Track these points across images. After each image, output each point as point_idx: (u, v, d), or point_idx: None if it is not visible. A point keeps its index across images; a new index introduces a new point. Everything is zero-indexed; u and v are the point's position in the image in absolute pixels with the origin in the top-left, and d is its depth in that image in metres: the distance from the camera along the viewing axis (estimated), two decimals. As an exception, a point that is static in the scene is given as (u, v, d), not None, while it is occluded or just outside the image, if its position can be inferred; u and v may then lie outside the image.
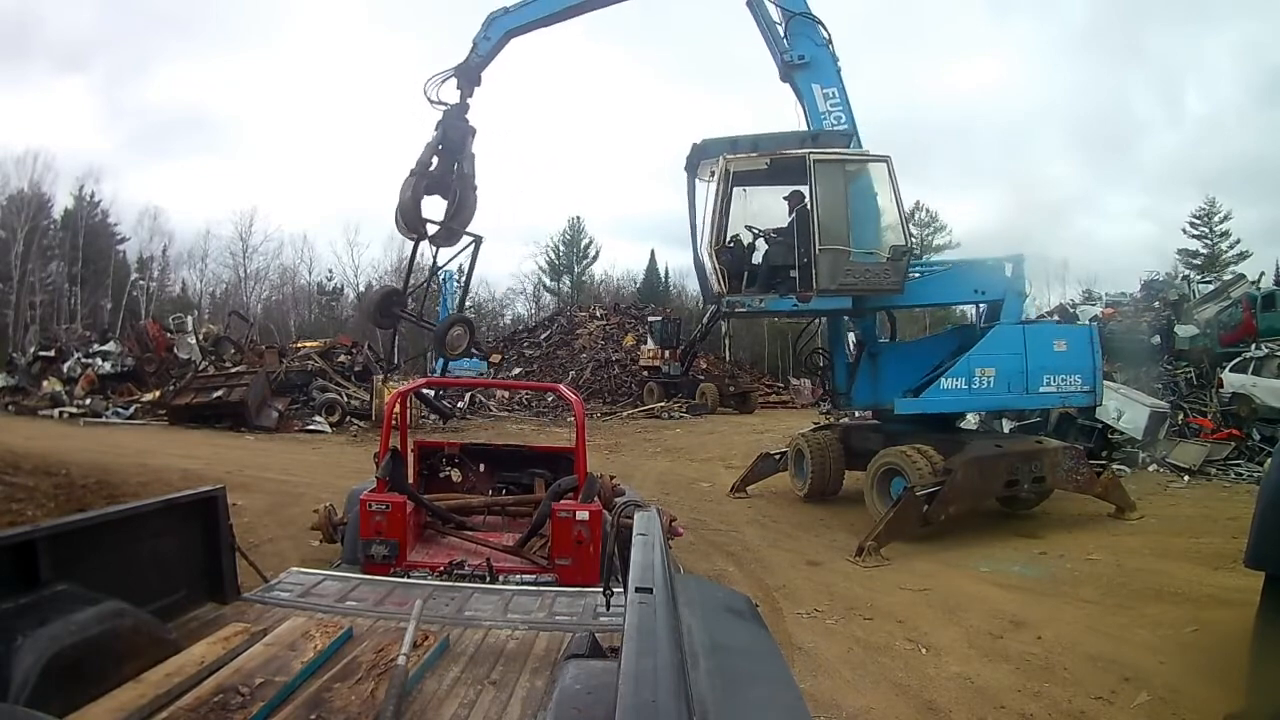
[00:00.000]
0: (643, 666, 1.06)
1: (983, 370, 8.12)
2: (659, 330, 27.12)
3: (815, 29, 8.49)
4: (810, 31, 8.51)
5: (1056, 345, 8.27)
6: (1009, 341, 8.10)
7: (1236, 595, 4.56)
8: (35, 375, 19.93)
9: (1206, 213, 39.02)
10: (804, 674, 4.18)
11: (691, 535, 7.20)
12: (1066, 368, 8.18)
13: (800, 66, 8.44)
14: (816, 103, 8.38)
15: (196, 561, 2.78)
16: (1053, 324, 8.79)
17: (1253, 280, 17.52)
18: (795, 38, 8.51)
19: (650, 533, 1.86)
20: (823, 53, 8.42)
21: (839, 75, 8.40)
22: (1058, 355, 8.15)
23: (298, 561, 4.80)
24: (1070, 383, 8.17)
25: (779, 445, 10.71)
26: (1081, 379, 8.16)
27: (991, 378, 8.08)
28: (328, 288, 48.16)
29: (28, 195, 36.52)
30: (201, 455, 11.65)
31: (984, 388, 8.12)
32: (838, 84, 8.42)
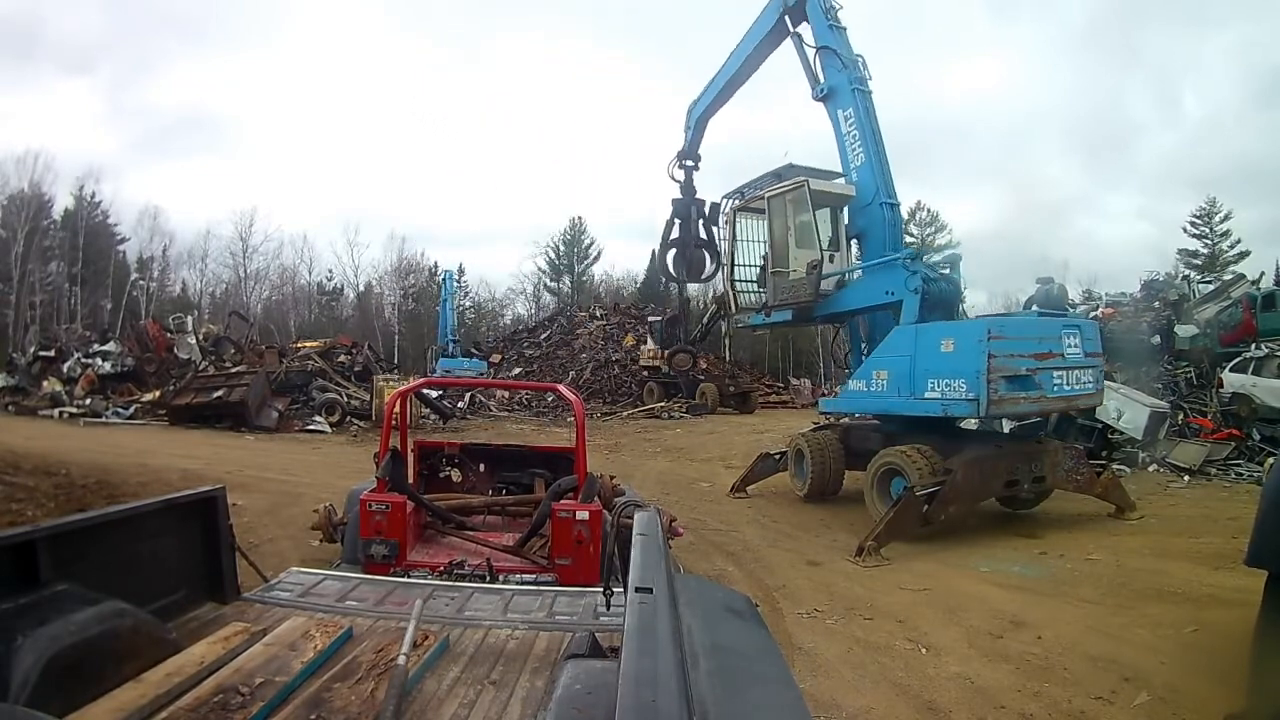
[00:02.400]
0: (643, 666, 1.06)
1: (879, 372, 8.36)
2: (659, 330, 27.12)
3: (836, 58, 8.83)
4: (833, 61, 8.86)
5: (944, 345, 7.78)
6: (902, 343, 8.15)
7: (1236, 595, 4.56)
8: (35, 375, 19.93)
9: (1207, 212, 39.07)
10: (804, 674, 4.18)
11: (691, 535, 7.20)
12: (951, 371, 7.62)
13: (826, 98, 8.99)
14: (840, 126, 8.91)
15: (196, 561, 2.77)
16: (946, 323, 8.10)
17: (1253, 280, 17.52)
18: (825, 69, 8.99)
19: (650, 533, 1.86)
20: (842, 79, 8.82)
21: (854, 94, 8.66)
22: (943, 357, 7.76)
23: (298, 561, 4.80)
24: (954, 388, 7.54)
25: (779, 445, 10.70)
26: (966, 384, 7.44)
27: (885, 380, 8.25)
28: (328, 288, 48.24)
29: (28, 195, 36.56)
30: (201, 455, 11.65)
31: (878, 390, 8.32)
32: (854, 103, 8.69)
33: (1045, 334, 7.83)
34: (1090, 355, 8.06)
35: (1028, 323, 8.34)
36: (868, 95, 8.63)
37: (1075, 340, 7.91)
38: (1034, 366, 7.53)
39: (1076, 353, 7.88)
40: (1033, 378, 7.51)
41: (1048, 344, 7.69)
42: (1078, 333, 8.04)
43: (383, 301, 47.40)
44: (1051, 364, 7.65)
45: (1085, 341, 8.03)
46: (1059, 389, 7.72)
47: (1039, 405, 7.82)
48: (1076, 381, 7.86)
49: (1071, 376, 7.80)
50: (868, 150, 8.58)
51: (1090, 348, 8.07)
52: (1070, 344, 7.84)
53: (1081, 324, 8.44)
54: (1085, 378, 7.96)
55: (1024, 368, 7.49)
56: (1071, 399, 8.06)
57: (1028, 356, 7.53)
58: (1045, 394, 7.63)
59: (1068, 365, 7.78)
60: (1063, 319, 8.41)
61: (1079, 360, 7.91)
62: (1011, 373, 7.45)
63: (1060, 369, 7.71)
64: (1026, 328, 8.01)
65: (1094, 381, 8.10)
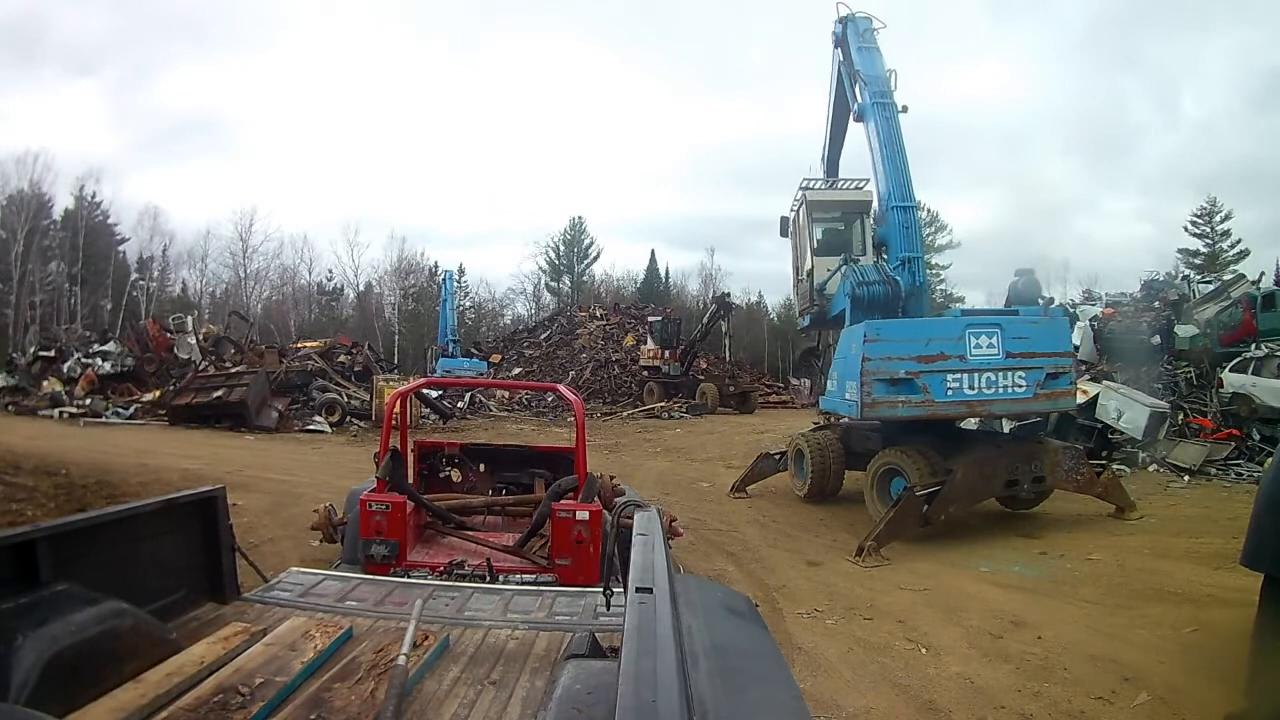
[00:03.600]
0: (643, 666, 1.06)
1: (832, 374, 8.53)
2: (659, 330, 27.13)
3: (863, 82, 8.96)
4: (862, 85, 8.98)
5: (850, 348, 7.75)
6: (844, 344, 8.18)
7: (1236, 595, 4.55)
8: (35, 375, 19.93)
9: (1207, 212, 39.05)
10: (804, 674, 4.18)
11: (691, 535, 7.20)
12: (850, 373, 7.51)
13: (860, 117, 9.13)
14: (869, 139, 8.97)
15: (196, 561, 2.77)
16: (851, 326, 7.97)
17: (1253, 280, 17.48)
18: (860, 91, 9.11)
19: (650, 533, 1.86)
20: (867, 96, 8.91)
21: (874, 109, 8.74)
22: (849, 359, 7.67)
23: (298, 561, 4.81)
24: (851, 389, 7.40)
25: (779, 445, 10.71)
26: (854, 385, 7.36)
27: (835, 381, 8.35)
28: (328, 288, 48.21)
29: (28, 195, 36.53)
30: (201, 455, 11.65)
31: (834, 390, 8.40)
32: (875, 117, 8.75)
33: (937, 335, 7.44)
34: (1018, 356, 7.42)
35: (913, 324, 7.88)
36: (887, 107, 8.69)
37: (989, 340, 7.39)
38: (917, 369, 7.28)
39: (991, 354, 7.37)
40: (915, 381, 7.27)
41: (939, 345, 7.35)
42: (996, 332, 7.44)
43: (383, 301, 47.40)
44: (944, 366, 7.29)
45: (1010, 341, 7.42)
46: (955, 394, 7.31)
47: (925, 410, 7.38)
48: (991, 385, 7.35)
49: (981, 380, 7.33)
50: (884, 157, 8.63)
51: (1019, 347, 7.44)
52: (980, 344, 7.36)
53: (1005, 322, 7.66)
54: (1008, 381, 7.37)
55: (904, 370, 7.29)
56: (981, 404, 7.49)
57: (909, 359, 7.32)
58: (933, 398, 7.29)
59: (972, 368, 7.31)
60: (969, 319, 7.73)
61: (994, 362, 7.36)
62: (889, 376, 7.30)
63: (959, 371, 7.29)
64: (910, 329, 7.68)
65: (1027, 385, 7.40)
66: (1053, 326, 7.94)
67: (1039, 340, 7.58)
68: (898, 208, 8.53)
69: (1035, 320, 7.97)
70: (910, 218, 8.62)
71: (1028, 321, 7.87)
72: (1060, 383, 7.67)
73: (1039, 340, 7.58)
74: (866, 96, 8.86)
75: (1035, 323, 7.89)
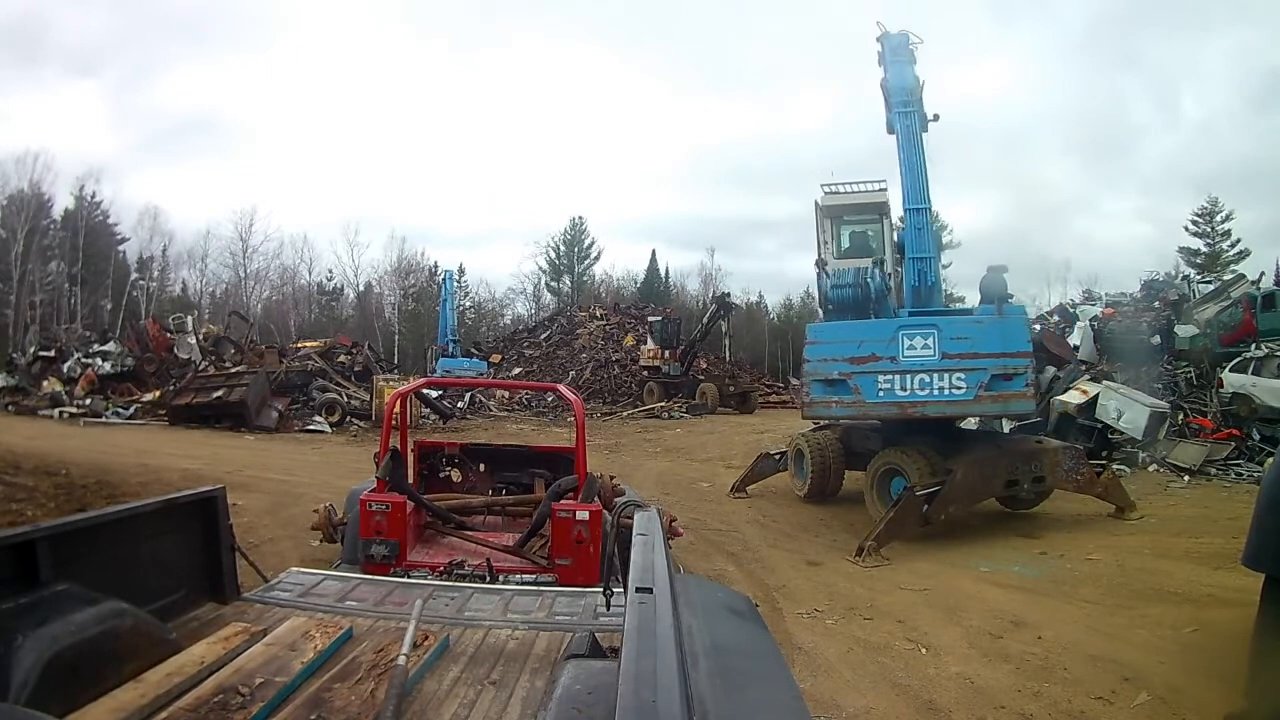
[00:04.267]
0: (643, 666, 1.06)
1: None
2: (659, 330, 27.13)
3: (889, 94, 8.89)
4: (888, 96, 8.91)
5: None
6: None
7: (1236, 595, 4.55)
8: (35, 375, 19.93)
9: (1208, 211, 39.04)
10: (804, 674, 4.18)
11: (691, 535, 7.20)
12: None
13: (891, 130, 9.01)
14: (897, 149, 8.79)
15: (196, 561, 2.77)
16: None
17: (1253, 280, 17.48)
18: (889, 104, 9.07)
19: (650, 533, 1.86)
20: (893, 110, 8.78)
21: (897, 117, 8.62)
22: None
23: (298, 561, 4.81)
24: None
25: (779, 445, 10.72)
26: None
27: None
28: (328, 288, 48.21)
29: (28, 195, 36.54)
30: (201, 455, 11.65)
31: None
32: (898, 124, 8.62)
33: (869, 337, 7.51)
34: (955, 356, 7.30)
35: (848, 326, 7.93)
36: (909, 116, 8.61)
37: (924, 341, 7.35)
38: (849, 370, 7.37)
39: (925, 355, 7.33)
40: (846, 382, 7.34)
41: (871, 347, 7.42)
42: (933, 333, 7.37)
43: (383, 301, 47.41)
44: (875, 367, 7.33)
45: (947, 342, 7.33)
46: (887, 394, 7.34)
47: (855, 410, 7.50)
48: (925, 386, 7.31)
49: (914, 381, 7.31)
50: (903, 161, 8.57)
51: (958, 348, 7.32)
52: (913, 345, 7.35)
53: (942, 323, 7.57)
54: (944, 382, 7.29)
55: (836, 372, 7.39)
56: (913, 405, 7.42)
57: (842, 360, 7.41)
58: (864, 399, 7.36)
59: (904, 369, 7.31)
60: (903, 320, 7.73)
61: (928, 363, 7.31)
62: (824, 377, 7.44)
63: (890, 373, 7.31)
64: (845, 331, 7.76)
65: (967, 387, 7.27)
66: (1003, 326, 7.56)
67: (983, 341, 7.40)
68: (910, 210, 8.54)
69: (980, 320, 7.74)
70: (923, 220, 8.57)
71: (970, 322, 7.75)
72: (1013, 384, 7.35)
73: (983, 341, 7.40)
74: (892, 107, 8.82)
75: (980, 322, 7.68)
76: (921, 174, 8.48)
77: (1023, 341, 7.52)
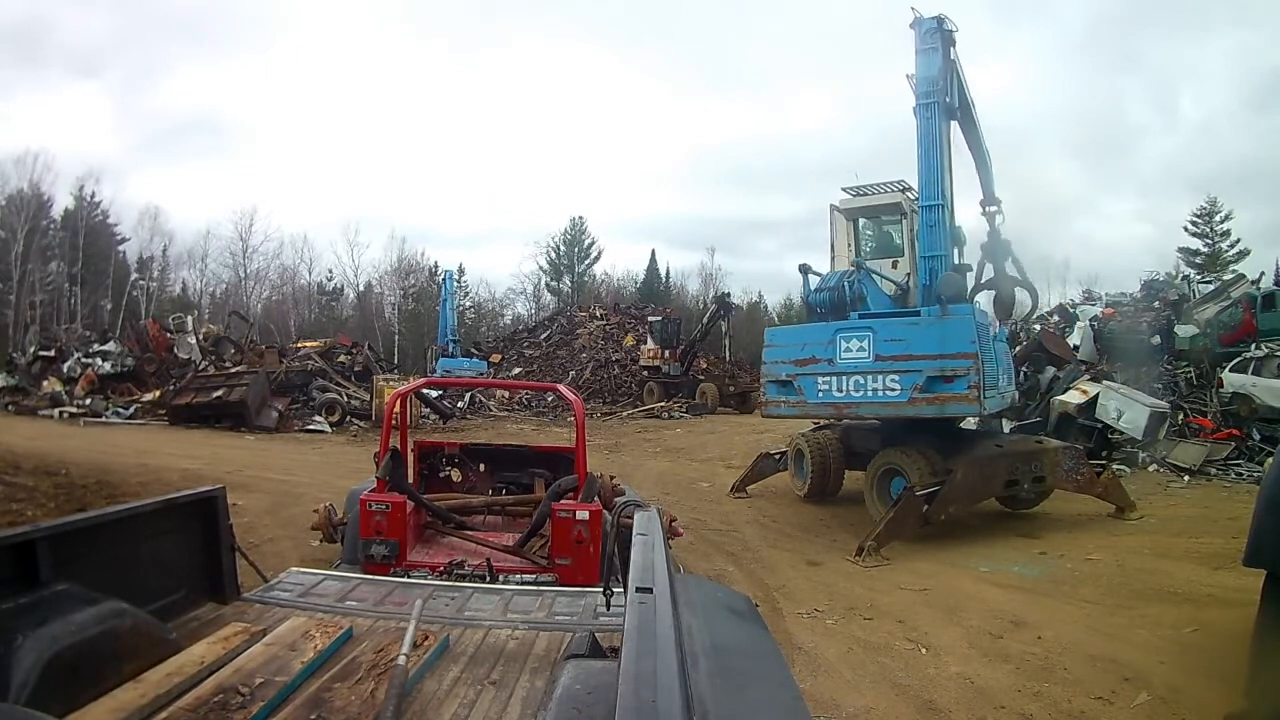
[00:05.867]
0: (643, 666, 1.06)
1: None
2: (659, 330, 27.13)
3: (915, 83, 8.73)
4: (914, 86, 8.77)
5: None
6: None
7: (1236, 595, 4.56)
8: (35, 375, 19.92)
9: (1208, 211, 39.02)
10: (804, 674, 4.18)
11: (691, 535, 7.20)
12: None
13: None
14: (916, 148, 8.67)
15: (196, 561, 2.77)
16: None
17: (1253, 280, 17.48)
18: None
19: (650, 533, 1.86)
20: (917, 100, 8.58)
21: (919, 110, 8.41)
22: None
23: (298, 561, 4.81)
24: None
25: (779, 445, 10.70)
26: None
27: None
28: (328, 288, 48.17)
29: (28, 195, 36.53)
30: (201, 455, 11.65)
31: None
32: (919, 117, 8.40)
33: (810, 340, 7.84)
34: (889, 359, 7.34)
35: (795, 330, 8.43)
36: (930, 106, 8.41)
37: (860, 344, 7.44)
38: (794, 372, 7.74)
39: (860, 357, 7.41)
40: (792, 383, 7.71)
41: (811, 349, 7.74)
42: (868, 335, 7.44)
43: (383, 301, 47.37)
44: (815, 369, 7.63)
45: (882, 344, 7.39)
46: (825, 395, 7.63)
47: (799, 410, 7.94)
48: (859, 388, 7.40)
49: (849, 382, 7.42)
50: (920, 155, 8.42)
51: (892, 350, 7.36)
52: (849, 348, 7.46)
53: (878, 325, 7.61)
54: (878, 384, 7.36)
55: (784, 373, 7.77)
56: (847, 406, 7.62)
57: (789, 363, 7.79)
58: (806, 399, 7.71)
59: (840, 370, 7.47)
60: (840, 323, 7.81)
61: (862, 365, 7.41)
62: (776, 378, 7.84)
63: (829, 374, 7.54)
64: (792, 335, 8.18)
65: (901, 389, 7.30)
66: (943, 328, 7.37)
67: (919, 342, 7.35)
68: (924, 207, 8.46)
69: (917, 322, 7.65)
70: (935, 216, 8.45)
71: (906, 323, 7.67)
72: (953, 386, 7.20)
73: (919, 342, 7.35)
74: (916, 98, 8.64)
75: (916, 324, 7.60)
76: (936, 169, 8.35)
77: (965, 343, 7.27)
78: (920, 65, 8.76)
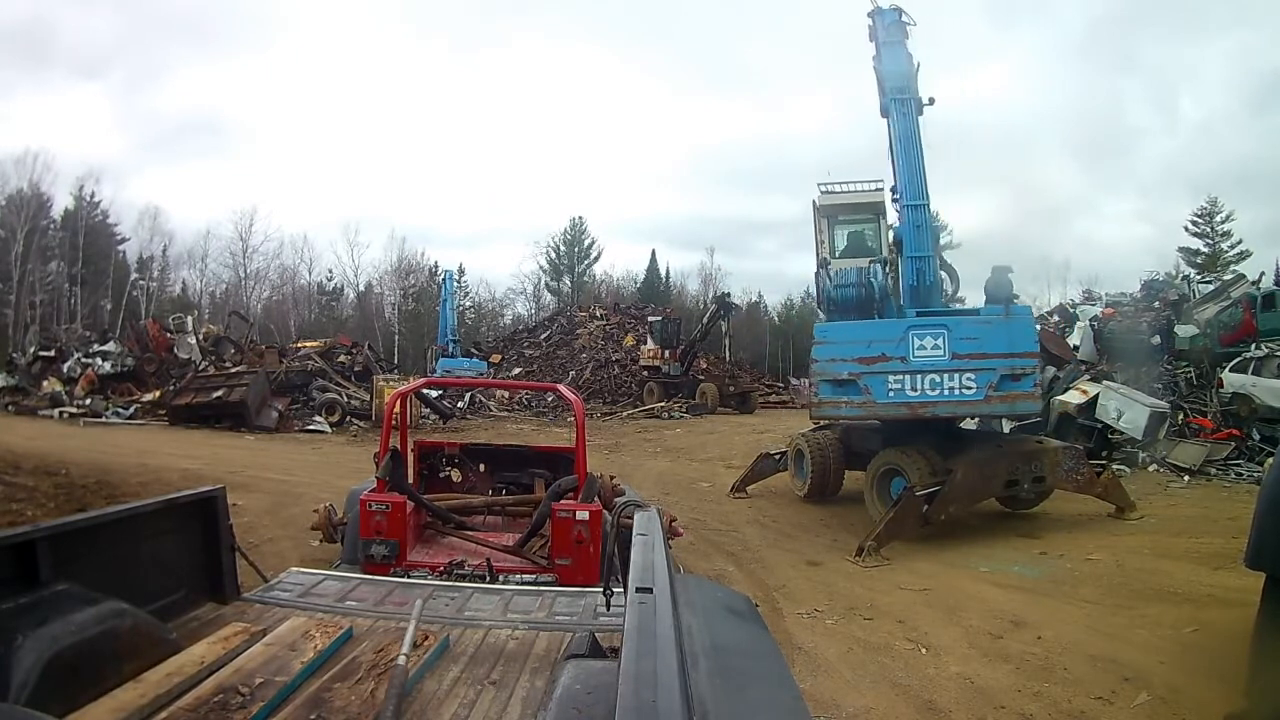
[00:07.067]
0: (643, 666, 1.06)
1: None
2: (659, 330, 27.13)
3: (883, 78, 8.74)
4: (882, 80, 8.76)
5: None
6: None
7: (1236, 595, 4.55)
8: (35, 375, 19.92)
9: (1208, 212, 39.02)
10: (804, 674, 4.18)
11: (691, 535, 7.20)
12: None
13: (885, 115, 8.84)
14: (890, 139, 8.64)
15: (196, 561, 2.77)
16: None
17: (1253, 280, 17.47)
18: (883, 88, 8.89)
19: (650, 533, 1.86)
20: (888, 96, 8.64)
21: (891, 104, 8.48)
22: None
23: (298, 561, 4.81)
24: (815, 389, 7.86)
25: (779, 445, 10.70)
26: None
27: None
28: (328, 288, 48.19)
29: (28, 195, 36.53)
30: (201, 455, 11.64)
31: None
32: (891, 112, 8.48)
33: (879, 337, 7.41)
34: (965, 357, 7.26)
35: (857, 327, 7.78)
36: (905, 103, 8.44)
37: (934, 341, 7.28)
38: (858, 371, 7.26)
39: (935, 355, 7.27)
40: (856, 382, 7.25)
41: (880, 347, 7.33)
42: (943, 333, 7.32)
43: (383, 301, 47.40)
44: (885, 368, 7.25)
45: (957, 342, 7.28)
46: (897, 395, 7.27)
47: (865, 410, 7.38)
48: (935, 387, 7.26)
49: (924, 381, 7.25)
50: (899, 154, 8.42)
51: (968, 348, 7.28)
52: (923, 345, 7.28)
53: (952, 323, 7.50)
54: (955, 382, 7.24)
55: (846, 372, 7.28)
56: (923, 405, 7.35)
57: (851, 361, 7.31)
58: (874, 400, 7.27)
59: (914, 369, 7.24)
60: (912, 320, 7.61)
61: (939, 363, 7.25)
62: (832, 377, 7.33)
63: (900, 373, 7.24)
64: (854, 331, 7.63)
65: (977, 388, 7.23)
66: (1010, 326, 7.53)
67: (991, 341, 7.36)
68: (909, 206, 8.41)
69: (989, 320, 7.66)
70: (921, 216, 8.44)
71: (979, 322, 7.67)
72: (1021, 385, 7.35)
73: (991, 341, 7.36)
74: (886, 92, 8.63)
75: (989, 323, 7.60)
76: (919, 167, 8.33)
77: (1030, 342, 7.51)
78: (887, 59, 8.71)
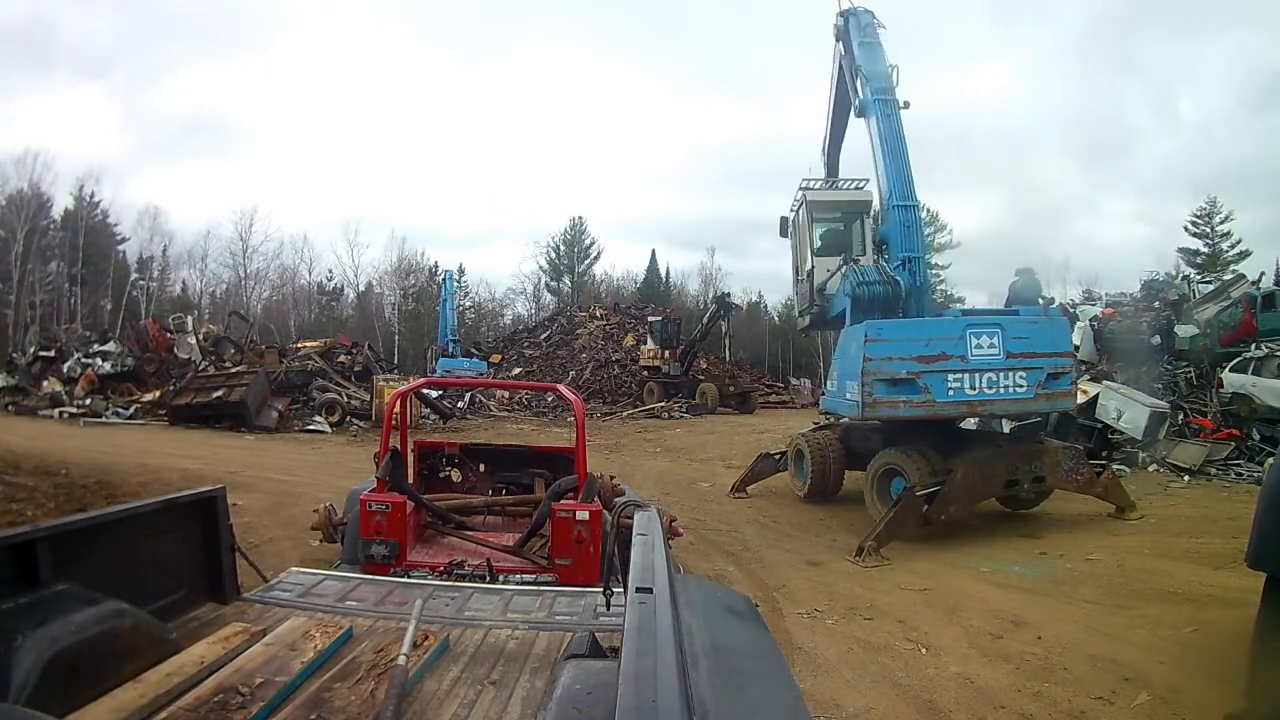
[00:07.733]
0: (643, 666, 1.06)
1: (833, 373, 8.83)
2: (659, 330, 27.13)
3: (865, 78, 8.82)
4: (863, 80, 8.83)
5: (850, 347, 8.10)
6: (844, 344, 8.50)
7: (1236, 595, 4.56)
8: (35, 375, 19.92)
9: (1208, 212, 39.02)
10: (804, 674, 4.18)
11: (691, 535, 7.20)
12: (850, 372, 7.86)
13: (862, 113, 8.96)
14: (873, 139, 8.79)
15: (196, 561, 2.77)
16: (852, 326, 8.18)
17: (1253, 280, 17.47)
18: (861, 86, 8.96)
19: (650, 533, 1.86)
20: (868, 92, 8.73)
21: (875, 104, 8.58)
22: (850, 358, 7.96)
23: (298, 561, 4.81)
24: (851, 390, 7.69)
25: (779, 445, 10.70)
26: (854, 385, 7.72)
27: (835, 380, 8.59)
28: (328, 288, 48.18)
29: (28, 195, 36.52)
30: (201, 455, 11.64)
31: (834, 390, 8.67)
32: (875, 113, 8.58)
33: (937, 335, 7.42)
34: (1018, 356, 7.39)
35: (913, 324, 7.81)
36: (889, 104, 8.53)
37: (990, 340, 7.38)
38: (918, 369, 7.27)
39: (991, 354, 7.36)
40: (916, 381, 7.25)
41: (939, 345, 7.33)
42: (997, 332, 7.42)
43: (383, 301, 47.38)
44: (944, 366, 7.27)
45: (1010, 341, 7.41)
46: (957, 393, 7.30)
47: (925, 410, 7.36)
48: (992, 385, 7.35)
49: (982, 380, 7.32)
50: (885, 155, 8.49)
51: (1020, 347, 7.42)
52: (980, 344, 7.35)
53: (1005, 322, 7.66)
54: (1009, 381, 7.36)
55: (905, 371, 7.28)
56: (981, 404, 7.46)
57: (910, 359, 7.32)
58: (934, 399, 7.27)
59: (973, 368, 7.29)
60: (970, 319, 7.69)
61: (994, 362, 7.35)
62: (889, 376, 7.31)
63: (960, 371, 7.28)
64: (910, 329, 7.65)
65: (1028, 385, 7.39)
66: (1052, 326, 7.93)
67: (1039, 340, 7.58)
68: (898, 206, 8.44)
69: (1035, 320, 7.95)
70: (911, 216, 8.51)
71: (1028, 321, 7.85)
72: (1061, 383, 7.68)
73: (1039, 340, 7.58)
74: (868, 93, 8.72)
75: (1035, 323, 7.86)
76: (906, 167, 8.42)
77: (1066, 341, 7.97)
78: (865, 60, 8.81)
